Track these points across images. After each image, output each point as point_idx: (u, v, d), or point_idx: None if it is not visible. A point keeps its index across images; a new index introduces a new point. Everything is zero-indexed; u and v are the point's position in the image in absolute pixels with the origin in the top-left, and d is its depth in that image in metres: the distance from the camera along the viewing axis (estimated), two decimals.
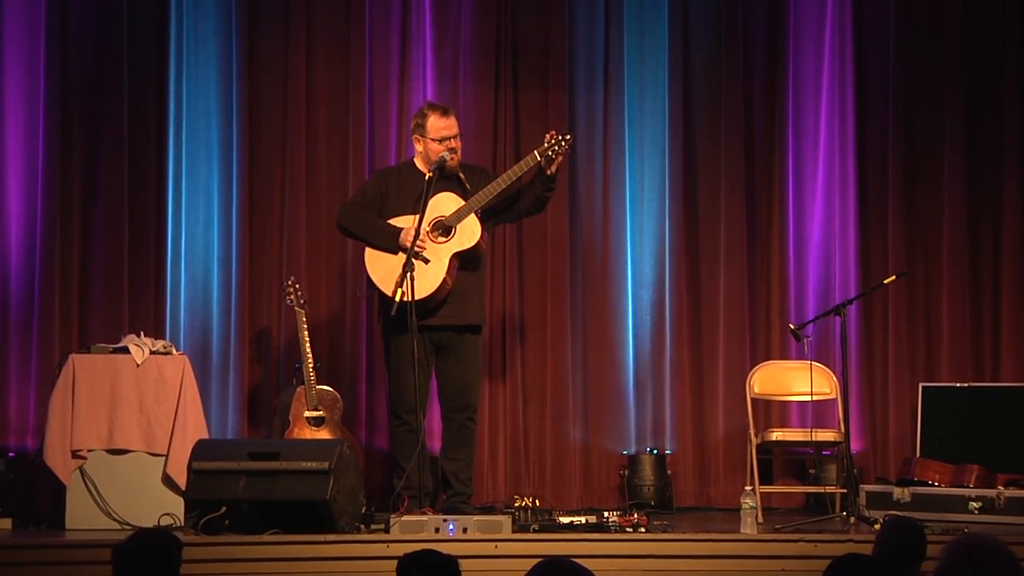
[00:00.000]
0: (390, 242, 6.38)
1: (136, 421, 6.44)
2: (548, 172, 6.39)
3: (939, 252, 7.69)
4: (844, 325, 6.64)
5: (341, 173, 7.56)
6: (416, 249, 6.23)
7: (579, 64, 7.76)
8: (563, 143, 6.36)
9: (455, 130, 6.49)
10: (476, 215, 6.40)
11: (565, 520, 6.06)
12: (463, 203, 6.37)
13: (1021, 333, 7.61)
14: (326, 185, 7.56)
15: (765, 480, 7.31)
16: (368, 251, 6.48)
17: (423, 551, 3.64)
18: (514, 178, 6.40)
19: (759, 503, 6.41)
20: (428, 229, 6.34)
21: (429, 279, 6.28)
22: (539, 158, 6.35)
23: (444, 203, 6.39)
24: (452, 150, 6.44)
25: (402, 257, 6.22)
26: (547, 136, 6.36)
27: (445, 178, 6.45)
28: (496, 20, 7.67)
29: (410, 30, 7.63)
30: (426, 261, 6.26)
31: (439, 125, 6.48)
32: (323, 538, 5.77)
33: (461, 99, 7.55)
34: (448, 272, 6.34)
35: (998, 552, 2.91)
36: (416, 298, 6.11)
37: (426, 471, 6.41)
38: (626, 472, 7.44)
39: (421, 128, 6.53)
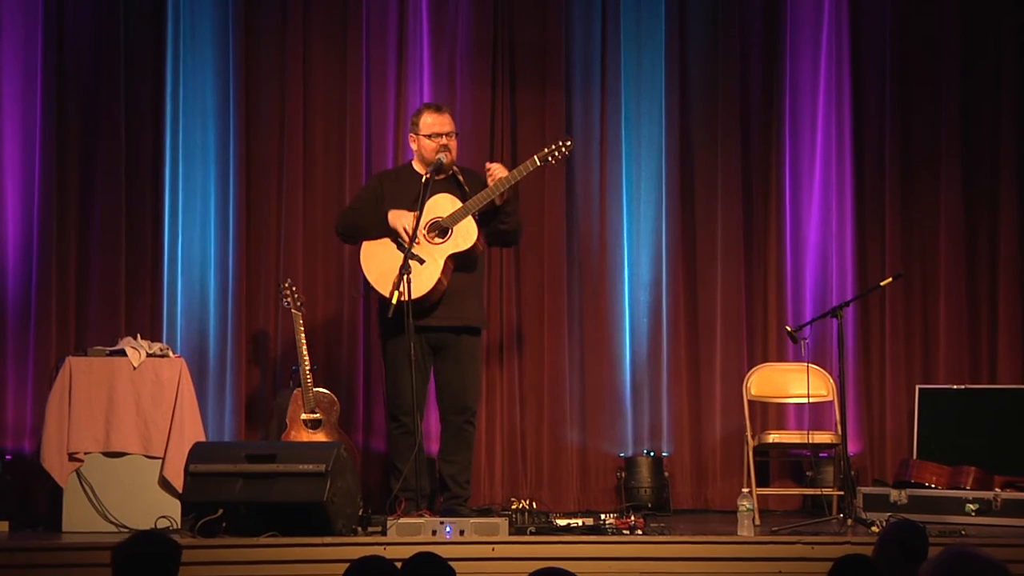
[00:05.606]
0: (382, 224, 6.38)
1: (133, 424, 6.43)
2: (497, 202, 6.38)
3: (936, 254, 7.70)
4: (841, 327, 6.64)
5: (338, 175, 7.56)
6: (404, 239, 6.22)
7: (576, 65, 7.76)
8: (563, 148, 6.38)
9: (448, 127, 6.50)
10: (473, 218, 6.40)
11: (562, 522, 6.05)
12: (460, 205, 6.38)
13: (1018, 335, 7.62)
14: (323, 187, 7.56)
15: (762, 482, 7.30)
16: (363, 251, 6.48)
17: (427, 553, 3.66)
18: (512, 182, 6.40)
19: (756, 505, 6.42)
20: (425, 230, 6.34)
21: (424, 279, 6.28)
22: (538, 162, 6.37)
23: (441, 204, 6.39)
24: (444, 147, 6.45)
25: (397, 256, 6.22)
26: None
27: (443, 179, 6.46)
28: (493, 21, 7.67)
29: (407, 31, 7.63)
30: (421, 261, 6.26)
31: (430, 121, 6.51)
32: (320, 540, 5.76)
33: (458, 100, 7.55)
34: (443, 273, 6.34)
35: (986, 567, 2.90)
36: (403, 296, 6.11)
37: (423, 473, 6.41)
38: (623, 474, 7.45)
39: (415, 126, 6.56)
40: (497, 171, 6.40)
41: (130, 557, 3.70)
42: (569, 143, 6.44)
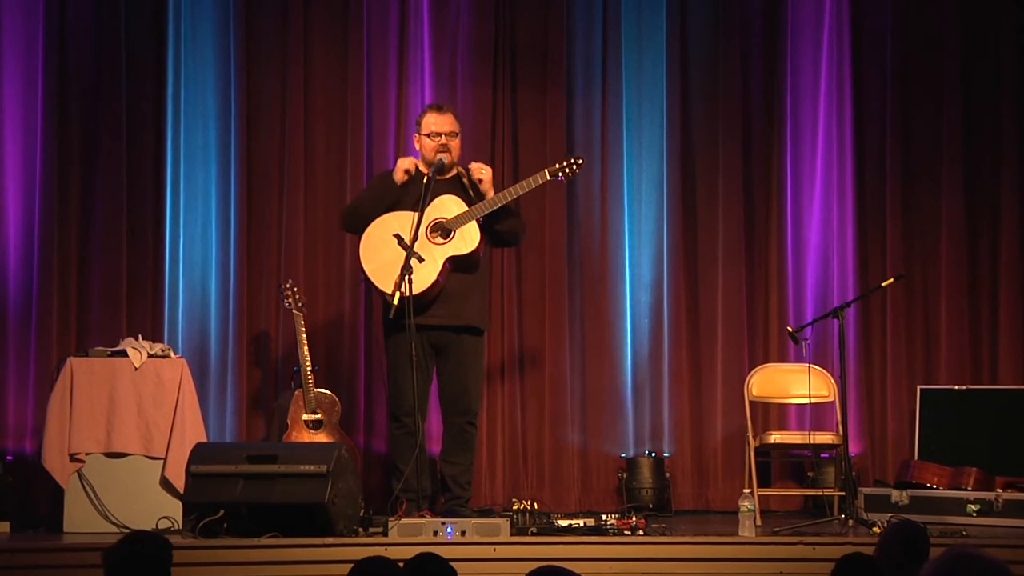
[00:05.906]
0: (387, 188, 6.39)
1: (134, 424, 6.43)
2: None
3: (937, 255, 7.70)
4: (842, 328, 6.64)
5: (339, 176, 7.57)
6: (412, 171, 6.31)
7: (577, 66, 7.76)
8: (574, 165, 6.40)
9: (447, 127, 6.50)
10: (477, 222, 6.40)
11: (563, 523, 6.05)
12: (465, 208, 6.38)
13: (1019, 335, 7.62)
14: (324, 188, 7.56)
15: (763, 483, 7.31)
16: (363, 243, 6.45)
17: (429, 554, 3.67)
18: (521, 193, 6.42)
19: (757, 506, 6.41)
20: (427, 229, 6.34)
21: (422, 278, 6.26)
22: (548, 176, 6.38)
23: (447, 205, 6.39)
24: (444, 147, 6.46)
25: (396, 251, 6.20)
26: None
27: (447, 181, 6.46)
28: (494, 22, 7.68)
29: (408, 32, 7.63)
30: (421, 259, 6.25)
31: (430, 120, 6.53)
32: (321, 541, 5.76)
33: (459, 101, 7.55)
34: (441, 274, 6.34)
35: (987, 568, 2.89)
36: (405, 293, 6.12)
37: (424, 474, 6.41)
38: (624, 475, 7.45)
39: (418, 125, 6.59)
40: (476, 171, 6.41)
41: (122, 559, 3.70)
42: (581, 161, 6.46)
